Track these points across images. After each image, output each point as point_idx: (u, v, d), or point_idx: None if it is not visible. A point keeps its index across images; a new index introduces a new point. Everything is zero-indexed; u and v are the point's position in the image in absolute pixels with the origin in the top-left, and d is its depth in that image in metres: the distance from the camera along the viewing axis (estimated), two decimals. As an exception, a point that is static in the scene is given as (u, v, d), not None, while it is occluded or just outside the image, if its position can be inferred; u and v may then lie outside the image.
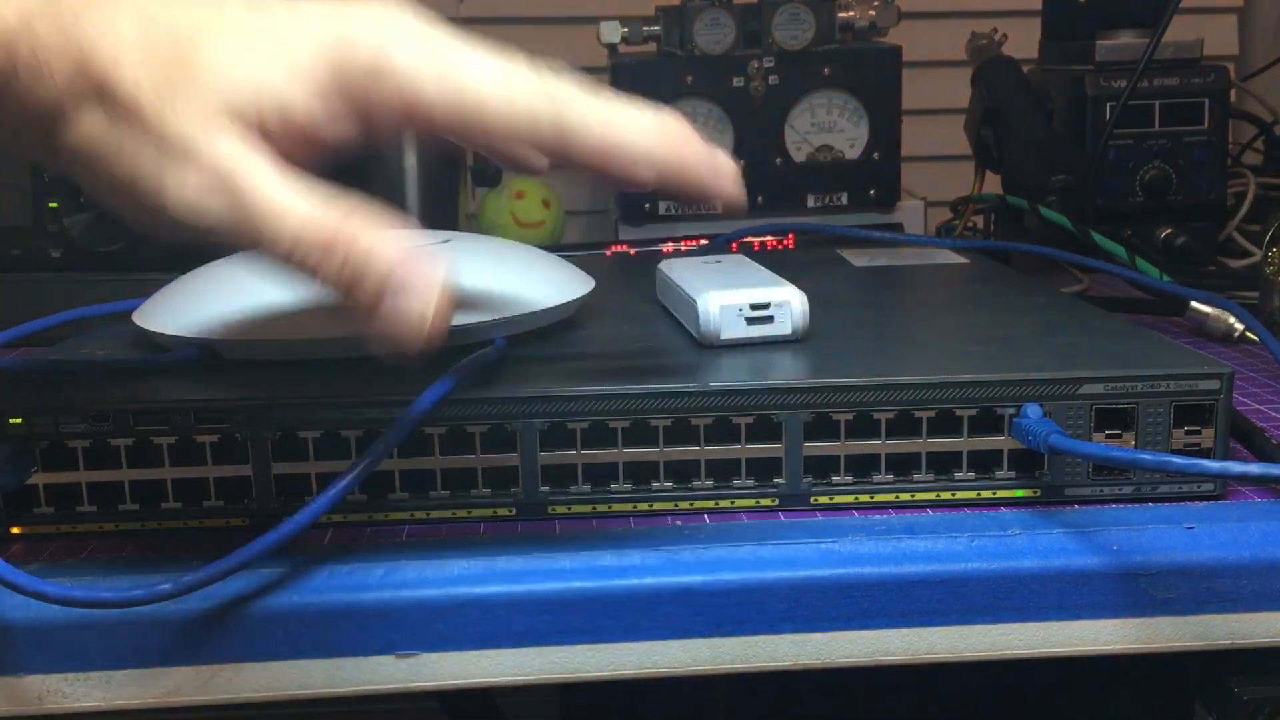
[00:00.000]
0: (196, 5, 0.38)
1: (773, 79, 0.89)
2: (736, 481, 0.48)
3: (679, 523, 0.47)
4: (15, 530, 0.47)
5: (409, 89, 0.38)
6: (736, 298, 0.52)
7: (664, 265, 0.61)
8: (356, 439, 0.46)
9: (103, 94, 0.36)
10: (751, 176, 0.91)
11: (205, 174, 0.36)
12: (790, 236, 0.86)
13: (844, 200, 0.92)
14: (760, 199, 0.91)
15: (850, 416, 0.47)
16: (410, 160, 0.91)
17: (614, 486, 0.47)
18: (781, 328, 0.53)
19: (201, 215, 0.36)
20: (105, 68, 0.36)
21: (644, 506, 0.48)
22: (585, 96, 0.38)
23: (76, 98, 0.36)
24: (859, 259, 0.75)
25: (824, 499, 0.48)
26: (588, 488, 0.47)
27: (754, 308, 0.52)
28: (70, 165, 0.38)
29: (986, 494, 0.48)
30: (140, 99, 0.36)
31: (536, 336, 0.55)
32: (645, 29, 0.91)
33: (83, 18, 0.37)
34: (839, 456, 0.47)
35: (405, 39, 0.38)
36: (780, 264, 0.61)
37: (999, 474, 0.48)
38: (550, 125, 0.38)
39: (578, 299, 0.57)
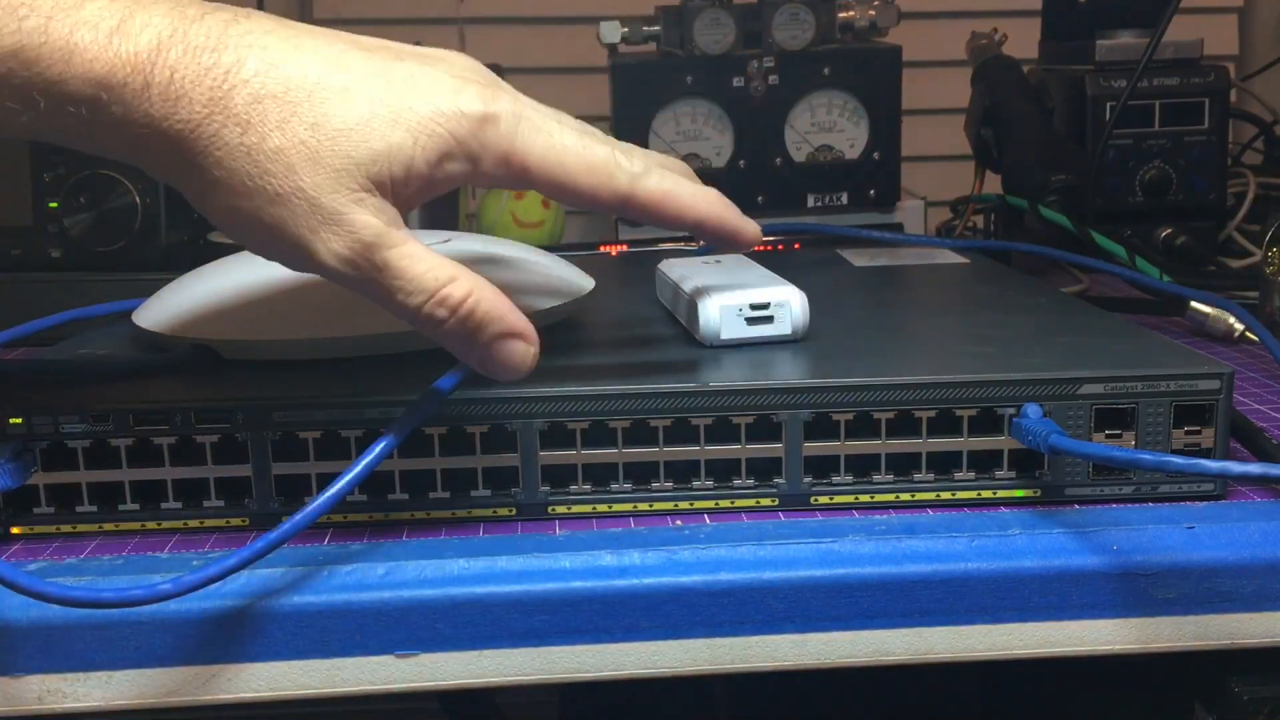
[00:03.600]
0: (319, 58, 0.41)
1: (773, 79, 0.89)
2: (736, 481, 0.48)
3: (679, 523, 0.47)
4: (15, 530, 0.47)
5: (517, 161, 0.43)
6: (736, 298, 0.52)
7: (664, 265, 0.61)
8: (356, 439, 0.46)
9: (246, 128, 0.39)
10: (751, 176, 0.91)
11: (351, 245, 0.40)
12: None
13: (844, 200, 0.92)
14: (760, 199, 0.91)
15: (850, 416, 0.47)
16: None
17: (614, 486, 0.47)
18: (781, 328, 0.53)
19: (341, 276, 0.41)
20: (242, 112, 0.39)
21: (644, 506, 0.48)
22: (651, 175, 0.45)
23: (216, 124, 0.39)
24: (859, 259, 0.75)
25: (824, 499, 0.48)
26: (588, 488, 0.47)
27: (754, 308, 0.52)
28: (209, 190, 0.40)
29: (986, 494, 0.48)
30: (287, 153, 0.39)
31: (536, 336, 0.55)
32: (645, 29, 0.91)
33: (217, 56, 0.39)
34: (839, 456, 0.47)
35: (520, 123, 0.43)
36: (780, 264, 0.61)
37: (999, 474, 0.48)
38: (622, 201, 0.45)
39: (578, 299, 0.57)
